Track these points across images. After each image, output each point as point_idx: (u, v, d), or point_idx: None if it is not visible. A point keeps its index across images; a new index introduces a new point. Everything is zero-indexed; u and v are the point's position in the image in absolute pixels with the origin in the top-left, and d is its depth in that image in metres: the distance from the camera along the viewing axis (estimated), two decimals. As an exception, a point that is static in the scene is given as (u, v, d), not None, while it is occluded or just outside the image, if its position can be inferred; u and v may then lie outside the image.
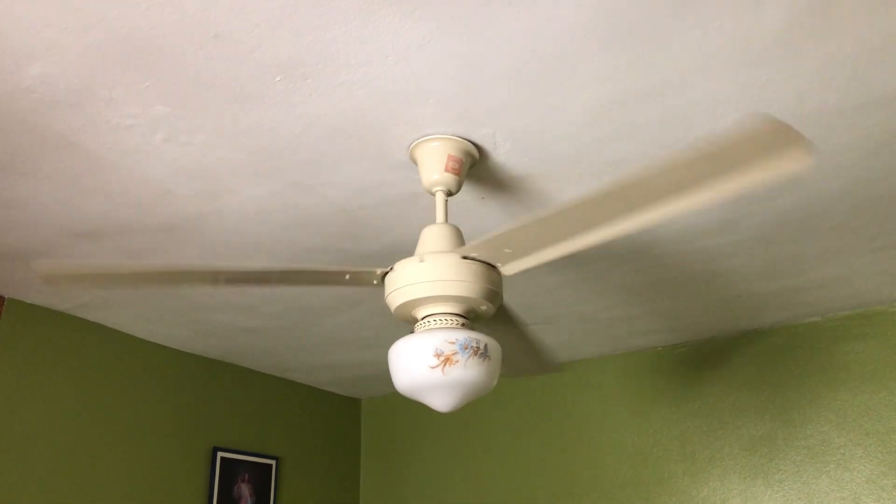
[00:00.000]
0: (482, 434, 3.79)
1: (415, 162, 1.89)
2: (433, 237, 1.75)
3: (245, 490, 3.43)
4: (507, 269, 1.68)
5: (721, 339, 3.35)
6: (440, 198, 1.83)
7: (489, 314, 1.73)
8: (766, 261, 2.58)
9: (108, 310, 2.91)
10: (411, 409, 4.02)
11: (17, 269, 2.55)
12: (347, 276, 1.72)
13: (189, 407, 3.34)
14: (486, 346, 1.60)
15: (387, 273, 1.73)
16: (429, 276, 1.64)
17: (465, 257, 1.65)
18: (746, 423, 3.18)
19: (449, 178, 1.82)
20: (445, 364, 1.55)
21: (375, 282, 1.76)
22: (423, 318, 1.68)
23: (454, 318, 1.66)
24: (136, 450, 3.08)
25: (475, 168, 1.95)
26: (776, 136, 1.20)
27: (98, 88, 1.64)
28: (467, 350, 1.57)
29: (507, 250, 1.60)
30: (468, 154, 1.85)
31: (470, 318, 1.70)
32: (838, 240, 2.44)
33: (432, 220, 1.91)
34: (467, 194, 2.10)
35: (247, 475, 3.46)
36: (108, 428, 3.00)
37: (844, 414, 2.99)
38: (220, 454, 3.37)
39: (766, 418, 3.14)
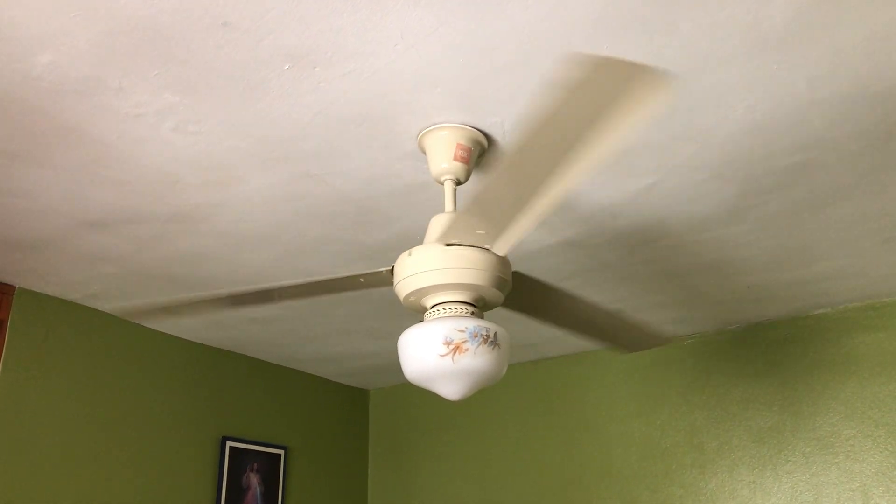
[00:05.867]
0: (490, 424, 3.79)
1: (423, 151, 1.89)
2: (442, 226, 1.75)
3: (254, 479, 3.45)
4: (497, 249, 1.63)
5: (729, 331, 3.34)
6: (449, 187, 1.83)
7: (498, 302, 1.73)
8: (775, 251, 2.57)
9: (118, 300, 2.92)
10: (419, 400, 4.03)
11: (28, 259, 2.56)
12: (362, 279, 1.72)
13: (198, 397, 3.35)
14: (495, 334, 1.60)
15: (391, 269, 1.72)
16: (437, 264, 1.64)
17: (448, 244, 1.62)
18: (755, 414, 3.17)
19: (458, 167, 1.82)
20: (455, 352, 1.56)
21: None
22: (432, 307, 1.68)
23: (463, 306, 1.66)
24: (145, 439, 3.09)
25: (484, 157, 1.94)
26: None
27: (107, 77, 1.64)
28: (477, 338, 1.57)
29: (479, 232, 1.56)
30: (477, 143, 1.85)
31: (479, 307, 1.70)
32: (848, 231, 2.42)
33: (441, 210, 1.91)
34: (476, 183, 2.09)
35: (255, 465, 3.48)
36: (117, 417, 3.01)
37: (853, 405, 2.98)
38: (229, 444, 3.38)
39: (775, 410, 3.13)
